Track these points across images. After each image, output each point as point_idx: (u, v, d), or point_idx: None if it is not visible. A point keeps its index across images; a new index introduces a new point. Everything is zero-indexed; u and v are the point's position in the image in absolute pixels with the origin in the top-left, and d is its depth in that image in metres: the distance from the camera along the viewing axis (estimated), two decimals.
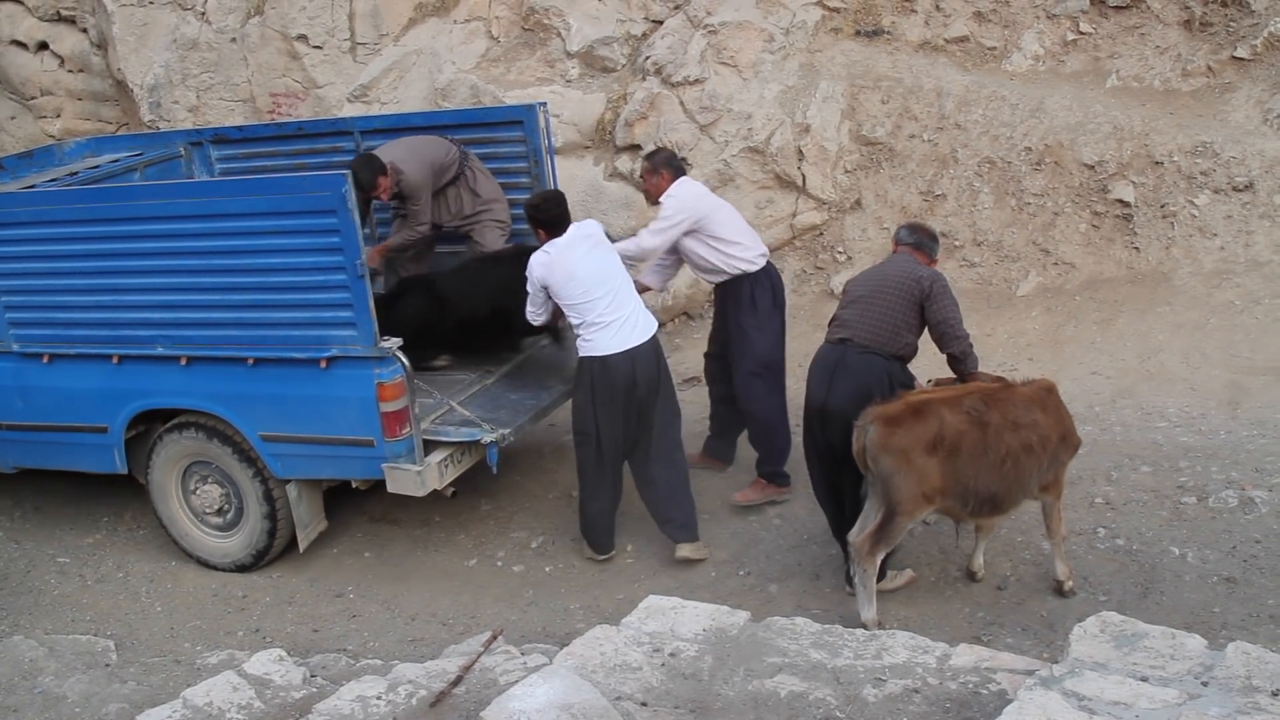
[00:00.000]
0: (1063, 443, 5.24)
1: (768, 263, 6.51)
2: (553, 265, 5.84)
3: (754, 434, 6.57)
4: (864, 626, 5.02)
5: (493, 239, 7.13)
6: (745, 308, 6.41)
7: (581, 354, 5.92)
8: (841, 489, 5.54)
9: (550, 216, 5.97)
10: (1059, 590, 5.39)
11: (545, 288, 5.90)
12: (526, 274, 5.98)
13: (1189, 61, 8.13)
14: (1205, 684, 3.26)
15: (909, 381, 5.50)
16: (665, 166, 6.40)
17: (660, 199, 6.37)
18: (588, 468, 6.05)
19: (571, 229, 5.96)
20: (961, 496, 5.07)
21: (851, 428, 5.23)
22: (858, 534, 5.18)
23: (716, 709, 3.65)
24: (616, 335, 5.84)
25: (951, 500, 5.08)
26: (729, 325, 6.45)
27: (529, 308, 6.09)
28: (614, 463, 6.05)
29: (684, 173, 6.50)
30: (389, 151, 6.83)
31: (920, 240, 5.67)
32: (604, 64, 9.07)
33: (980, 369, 5.56)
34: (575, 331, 5.94)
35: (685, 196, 6.32)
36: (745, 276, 6.39)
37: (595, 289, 5.83)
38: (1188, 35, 8.21)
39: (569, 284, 5.81)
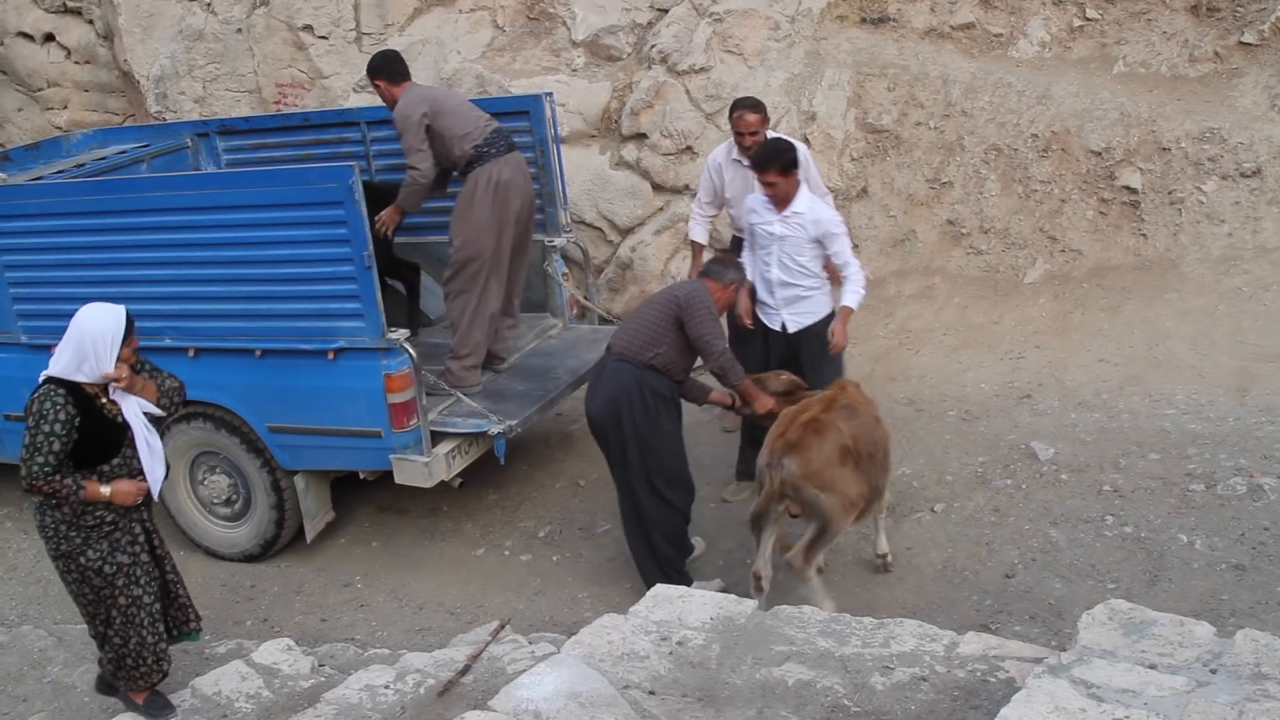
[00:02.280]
0: None
1: None
2: None
3: None
4: None
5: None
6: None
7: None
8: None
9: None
10: (884, 561, 5.62)
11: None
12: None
13: (1196, 47, 8.08)
14: (1214, 671, 3.25)
15: (664, 390, 5.55)
16: None
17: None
18: None
19: None
20: (869, 496, 5.22)
21: (607, 432, 5.52)
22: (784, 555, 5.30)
23: (724, 697, 3.65)
24: None
25: (866, 501, 5.23)
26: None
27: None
28: None
29: None
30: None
31: (708, 268, 5.82)
32: (609, 53, 9.04)
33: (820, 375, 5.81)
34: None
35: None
36: None
37: None
38: (1195, 21, 8.17)
39: None
